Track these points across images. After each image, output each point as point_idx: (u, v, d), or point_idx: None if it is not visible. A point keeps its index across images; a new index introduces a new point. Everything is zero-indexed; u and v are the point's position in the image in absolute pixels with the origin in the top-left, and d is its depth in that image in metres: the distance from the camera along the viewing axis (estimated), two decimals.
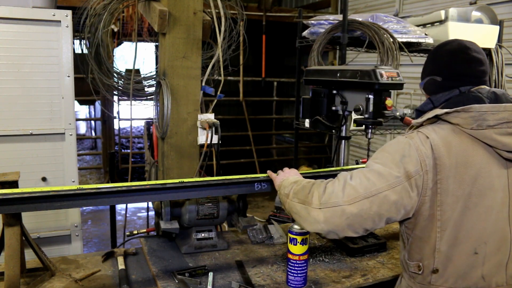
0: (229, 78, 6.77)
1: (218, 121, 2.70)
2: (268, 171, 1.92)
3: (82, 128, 12.82)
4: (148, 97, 3.26)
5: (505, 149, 1.41)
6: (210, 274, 1.90)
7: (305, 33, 3.48)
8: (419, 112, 1.63)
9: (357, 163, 2.31)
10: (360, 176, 1.44)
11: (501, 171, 1.44)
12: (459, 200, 1.41)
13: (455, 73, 1.56)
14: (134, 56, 3.05)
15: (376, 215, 1.41)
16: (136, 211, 6.32)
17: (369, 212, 1.40)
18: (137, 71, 4.12)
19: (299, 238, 1.83)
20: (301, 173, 1.85)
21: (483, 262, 1.45)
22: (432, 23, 3.40)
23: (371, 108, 1.98)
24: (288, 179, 1.72)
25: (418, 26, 3.38)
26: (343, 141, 2.33)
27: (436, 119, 1.49)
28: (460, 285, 1.47)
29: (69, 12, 2.63)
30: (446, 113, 1.45)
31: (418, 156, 1.41)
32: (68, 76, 2.66)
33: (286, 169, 1.87)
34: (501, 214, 1.45)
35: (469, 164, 1.41)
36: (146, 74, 3.41)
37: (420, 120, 1.53)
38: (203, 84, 2.84)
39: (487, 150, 1.43)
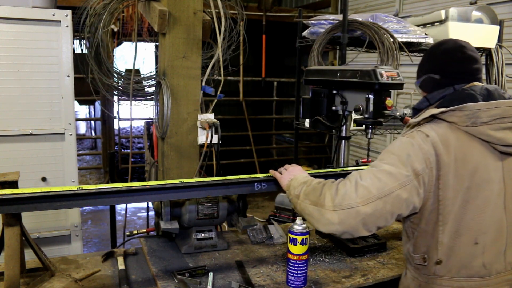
0: (229, 78, 6.77)
1: (218, 121, 2.70)
2: (270, 170, 1.93)
3: (82, 128, 12.82)
4: (148, 97, 3.26)
5: (500, 143, 1.48)
6: (210, 274, 1.90)
7: (305, 33, 3.48)
8: (416, 110, 1.69)
9: (357, 163, 2.31)
10: (371, 176, 1.47)
11: (496, 163, 1.51)
12: (459, 194, 1.48)
13: (451, 71, 1.61)
14: (134, 56, 3.05)
15: (389, 213, 1.46)
16: (136, 211, 6.32)
17: (382, 211, 1.44)
18: (137, 71, 4.11)
19: (299, 238, 1.83)
20: None
21: (483, 251, 1.52)
22: (432, 23, 3.40)
23: (371, 108, 1.98)
24: (296, 178, 1.73)
25: (418, 26, 3.38)
26: (343, 141, 2.33)
27: (432, 118, 1.54)
28: (463, 274, 1.53)
29: (69, 12, 2.63)
30: (441, 112, 1.51)
31: (422, 154, 1.46)
32: (68, 76, 2.66)
33: (288, 167, 1.87)
34: (497, 205, 1.51)
35: (466, 159, 1.47)
36: (146, 74, 3.41)
37: (416, 119, 1.57)
38: (203, 84, 2.84)
39: (482, 145, 1.49)
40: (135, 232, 2.34)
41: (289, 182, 1.75)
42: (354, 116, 2.14)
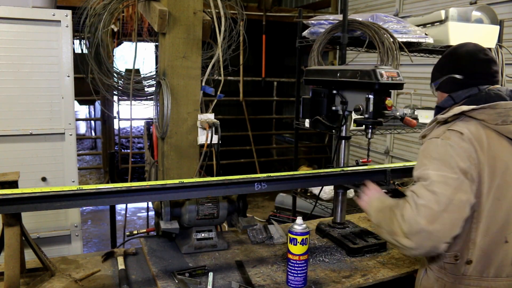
0: (229, 78, 6.77)
1: (218, 121, 2.70)
2: (354, 197, 1.97)
3: (82, 128, 12.82)
4: (148, 97, 3.25)
5: None
6: (210, 274, 1.90)
7: (305, 33, 3.48)
8: (440, 108, 1.72)
9: (357, 163, 2.31)
10: (424, 192, 1.47)
11: None
12: (491, 192, 1.50)
13: (475, 71, 1.66)
14: (134, 56, 3.05)
15: (458, 220, 1.46)
16: (136, 211, 6.32)
17: (451, 222, 1.45)
18: (137, 71, 4.11)
19: (299, 238, 1.83)
20: (300, 173, 1.84)
21: None
22: (432, 23, 3.40)
23: (371, 108, 1.98)
24: (371, 205, 1.78)
25: (418, 26, 3.38)
26: (343, 141, 2.33)
27: (460, 115, 1.56)
28: (491, 274, 1.55)
29: (69, 12, 2.63)
30: (473, 109, 1.53)
31: (464, 153, 1.48)
32: (68, 76, 2.66)
33: (367, 191, 1.89)
34: None
35: (497, 157, 1.50)
36: (146, 74, 3.41)
37: (445, 116, 1.59)
38: (203, 84, 2.83)
39: (509, 145, 1.53)
40: (135, 232, 2.35)
41: (367, 209, 1.81)
42: (354, 116, 2.14)
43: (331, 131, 2.42)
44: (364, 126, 2.08)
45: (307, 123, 2.47)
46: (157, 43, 3.05)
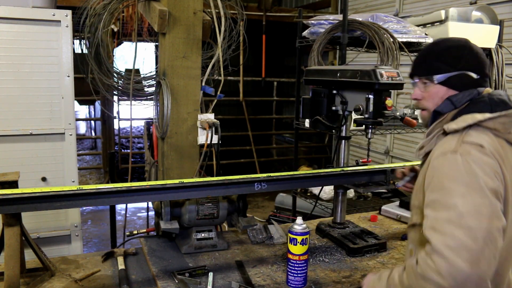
0: (229, 78, 6.77)
1: (218, 121, 2.70)
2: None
3: (82, 128, 12.82)
4: (148, 97, 3.26)
5: None
6: (210, 274, 1.90)
7: (305, 33, 3.48)
8: (438, 113, 1.51)
9: (357, 163, 2.31)
10: (455, 231, 1.20)
11: None
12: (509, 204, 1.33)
13: (486, 72, 1.50)
14: (134, 56, 3.05)
15: (498, 248, 1.23)
16: (136, 211, 6.32)
17: (493, 254, 1.21)
18: (137, 71, 4.11)
19: (299, 238, 1.83)
20: (300, 173, 1.83)
21: None
22: (432, 23, 3.40)
23: (371, 108, 1.98)
24: None
25: (418, 26, 3.38)
26: (343, 141, 2.33)
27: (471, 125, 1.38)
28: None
29: (69, 12, 2.63)
30: (489, 118, 1.36)
31: (489, 169, 1.28)
32: (68, 76, 2.66)
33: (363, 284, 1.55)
34: None
35: (510, 169, 1.34)
36: (146, 74, 3.41)
37: (455, 126, 1.38)
38: (203, 84, 2.83)
39: None
40: (135, 232, 2.34)
41: None
42: (354, 116, 2.14)
43: (331, 131, 2.42)
44: (364, 126, 2.08)
45: (307, 123, 2.47)
46: (157, 43, 3.06)
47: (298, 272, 1.85)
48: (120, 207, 5.88)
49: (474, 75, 1.47)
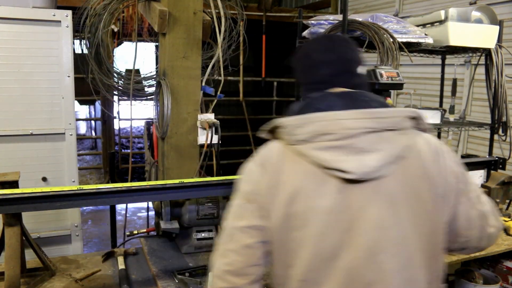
0: (229, 78, 6.77)
1: (218, 121, 2.70)
2: None
3: (82, 128, 12.83)
4: (148, 97, 3.26)
5: (326, 166, 1.17)
6: (210, 274, 1.90)
7: (305, 33, 3.48)
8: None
9: None
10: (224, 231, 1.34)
11: (328, 191, 1.18)
12: (278, 222, 1.23)
13: (305, 81, 1.39)
14: (134, 56, 3.05)
15: (244, 248, 1.28)
16: (136, 211, 6.32)
17: (231, 249, 1.30)
18: (137, 71, 4.11)
19: None
20: None
21: None
22: (432, 23, 3.40)
23: None
24: None
25: (418, 26, 3.38)
26: None
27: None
28: None
29: (69, 12, 2.63)
30: (275, 127, 1.29)
31: (250, 176, 1.31)
32: (68, 76, 2.66)
33: None
34: (330, 240, 1.18)
35: (283, 183, 1.22)
36: (146, 74, 3.41)
37: (262, 134, 1.37)
38: (203, 84, 2.84)
39: (311, 169, 1.19)
40: (135, 232, 2.35)
41: None
42: None
43: None
44: None
45: None
46: (157, 43, 3.06)
47: None
48: (120, 207, 5.88)
49: (301, 87, 1.42)
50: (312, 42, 1.50)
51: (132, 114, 3.53)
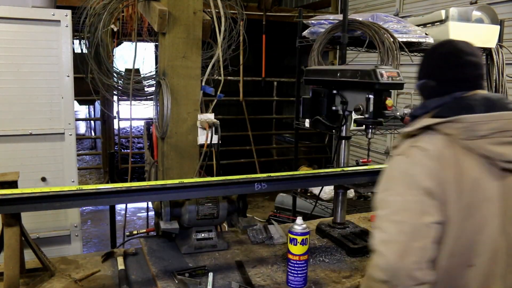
0: (229, 78, 6.76)
1: (218, 121, 2.70)
2: None
3: (82, 128, 12.82)
4: (148, 97, 3.25)
5: (501, 159, 1.35)
6: (210, 274, 1.90)
7: (305, 33, 3.48)
8: (412, 117, 1.55)
9: (357, 163, 2.31)
10: (387, 225, 1.34)
11: (495, 181, 1.37)
12: (458, 211, 1.35)
13: (447, 78, 1.49)
14: (134, 56, 3.04)
15: (431, 243, 1.31)
16: (136, 211, 6.31)
17: (424, 247, 1.30)
18: (137, 71, 4.11)
19: (299, 238, 1.83)
20: (300, 173, 1.83)
21: (479, 274, 1.38)
22: (433, 23, 3.40)
23: (371, 108, 1.98)
24: None
25: (418, 25, 3.38)
26: (343, 141, 2.32)
27: (426, 128, 1.42)
28: None
29: (69, 12, 2.63)
30: (438, 123, 1.39)
31: (427, 171, 1.34)
32: (68, 76, 2.66)
33: None
34: (495, 226, 1.37)
35: (464, 174, 1.35)
36: (146, 74, 3.41)
37: (409, 129, 1.45)
38: (203, 84, 2.83)
39: (480, 161, 1.36)
40: (135, 232, 2.34)
41: None
42: (354, 116, 2.14)
43: (331, 131, 2.42)
44: (364, 126, 2.08)
45: (307, 123, 2.47)
46: (157, 43, 3.05)
47: (298, 272, 1.85)
48: (120, 207, 5.87)
49: (432, 83, 1.51)
50: (452, 43, 1.55)
51: (132, 114, 3.52)
